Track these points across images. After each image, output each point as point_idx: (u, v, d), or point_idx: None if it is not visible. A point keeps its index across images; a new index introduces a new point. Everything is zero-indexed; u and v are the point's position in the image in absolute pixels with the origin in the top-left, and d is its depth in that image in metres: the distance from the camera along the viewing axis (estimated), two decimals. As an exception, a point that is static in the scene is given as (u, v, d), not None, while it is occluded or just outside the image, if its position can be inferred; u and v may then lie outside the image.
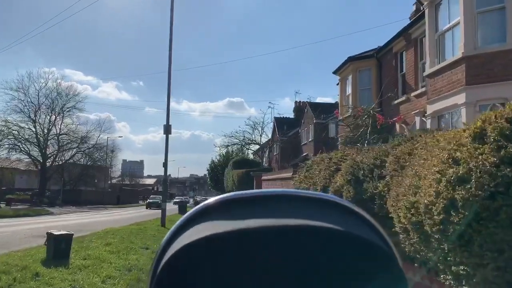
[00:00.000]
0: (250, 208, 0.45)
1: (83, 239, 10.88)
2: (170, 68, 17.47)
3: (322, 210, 0.45)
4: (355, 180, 3.83)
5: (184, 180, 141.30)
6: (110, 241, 10.03)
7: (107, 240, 10.21)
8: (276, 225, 0.39)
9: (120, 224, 19.52)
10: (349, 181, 3.96)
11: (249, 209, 0.45)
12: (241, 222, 0.40)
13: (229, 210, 0.45)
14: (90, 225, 19.31)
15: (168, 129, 16.87)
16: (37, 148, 51.96)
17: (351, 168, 3.91)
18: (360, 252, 0.39)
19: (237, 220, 0.41)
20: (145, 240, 10.84)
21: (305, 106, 32.56)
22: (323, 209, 0.45)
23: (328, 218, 0.41)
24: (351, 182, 3.91)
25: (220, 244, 0.39)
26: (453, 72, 10.34)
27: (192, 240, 0.39)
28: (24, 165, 54.82)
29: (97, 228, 16.13)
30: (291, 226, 0.39)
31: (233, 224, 0.40)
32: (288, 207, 0.45)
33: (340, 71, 19.27)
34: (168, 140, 17.16)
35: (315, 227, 0.39)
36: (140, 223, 17.96)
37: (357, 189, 3.74)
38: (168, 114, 17.06)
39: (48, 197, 51.83)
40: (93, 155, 60.34)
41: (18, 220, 23.15)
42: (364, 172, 3.71)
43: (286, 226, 0.39)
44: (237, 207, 0.46)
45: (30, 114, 51.02)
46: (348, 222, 0.43)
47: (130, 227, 15.18)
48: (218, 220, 0.43)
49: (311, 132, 30.30)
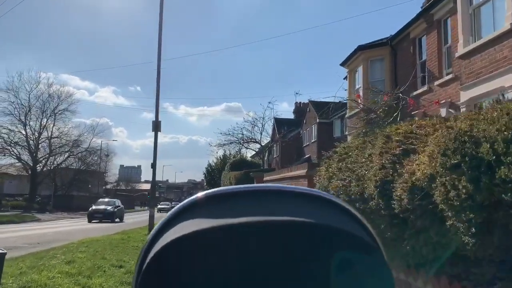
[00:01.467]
0: (235, 204, 0.45)
1: (46, 253, 8.99)
2: (159, 58, 15.64)
3: (307, 205, 0.45)
4: (471, 164, 1.94)
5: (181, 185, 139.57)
6: (76, 257, 8.17)
7: (74, 255, 8.34)
8: (260, 221, 0.39)
9: (107, 232, 17.68)
10: (455, 166, 2.06)
11: (234, 205, 0.44)
12: (226, 217, 0.40)
13: (215, 205, 0.45)
14: (72, 233, 17.39)
15: (157, 126, 14.99)
16: (27, 151, 49.93)
17: (455, 143, 2.05)
18: (345, 246, 0.39)
19: (222, 216, 0.41)
20: (123, 254, 8.93)
21: (307, 106, 30.68)
22: (308, 204, 0.45)
23: (313, 213, 0.42)
24: (458, 168, 2.01)
25: (205, 240, 0.39)
26: (497, 49, 8.50)
27: (177, 237, 0.39)
28: (14, 170, 52.74)
29: (76, 238, 14.27)
30: (276, 221, 0.39)
31: (218, 220, 0.40)
32: (274, 203, 0.45)
33: (348, 62, 17.45)
34: (157, 138, 15.29)
35: (299, 222, 0.39)
36: (127, 232, 16.03)
37: (481, 181, 1.93)
38: (157, 108, 15.23)
39: (38, 202, 49.96)
40: (86, 159, 58.39)
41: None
42: (495, 146, 1.93)
43: (271, 221, 0.39)
44: (222, 203, 0.45)
45: (21, 116, 49.06)
46: (333, 217, 0.43)
47: (112, 236, 13.23)
48: (204, 215, 0.42)
49: (313, 133, 28.45)
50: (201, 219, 0.42)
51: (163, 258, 0.40)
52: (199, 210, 0.45)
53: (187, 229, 0.40)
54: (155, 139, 15.00)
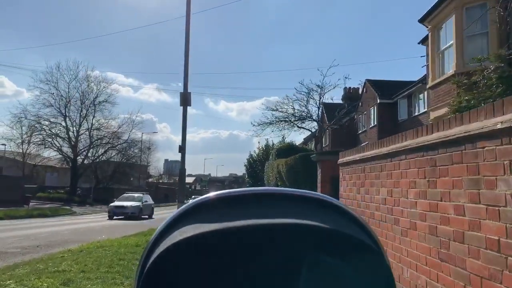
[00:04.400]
0: (239, 207, 0.45)
1: (15, 268, 6.04)
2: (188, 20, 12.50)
3: (312, 208, 0.45)
4: None
5: (223, 179, 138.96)
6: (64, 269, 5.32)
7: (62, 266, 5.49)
8: (264, 224, 0.39)
9: (133, 230, 14.94)
10: None
11: (238, 208, 0.44)
12: (229, 221, 0.40)
13: (220, 208, 0.45)
14: (91, 232, 14.80)
15: (186, 98, 11.79)
16: (67, 143, 49.16)
17: None
18: (347, 249, 0.39)
19: (227, 219, 0.41)
20: (124, 272, 5.83)
21: (359, 90, 26.56)
22: (313, 208, 0.45)
23: (318, 217, 0.41)
24: None
25: (207, 243, 0.39)
26: None
27: (178, 240, 0.39)
28: (55, 162, 52.37)
29: (90, 238, 11.53)
30: (278, 224, 0.39)
31: (221, 223, 0.40)
32: (277, 206, 0.45)
33: (431, 16, 13.39)
34: (187, 114, 12.11)
35: (303, 225, 0.39)
36: (149, 232, 13.07)
37: None
38: (186, 76, 12.06)
39: (79, 195, 49.23)
40: (127, 151, 57.22)
41: (21, 222, 19.09)
42: None
43: (273, 225, 0.39)
44: (227, 205, 0.45)
45: (61, 108, 48.24)
46: (337, 220, 0.43)
47: (127, 240, 10.23)
48: (207, 218, 0.42)
49: (373, 116, 24.38)
50: (204, 222, 0.41)
51: (164, 263, 0.39)
52: (202, 213, 0.44)
53: (188, 233, 0.39)
54: (183, 115, 11.82)
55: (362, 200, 5.12)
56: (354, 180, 5.41)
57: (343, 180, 6.05)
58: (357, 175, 5.33)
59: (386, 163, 4.31)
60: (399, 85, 23.07)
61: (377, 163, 4.48)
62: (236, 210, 0.43)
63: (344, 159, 5.98)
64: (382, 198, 4.39)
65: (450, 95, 12.36)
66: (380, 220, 4.39)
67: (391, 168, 4.19)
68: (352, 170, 5.55)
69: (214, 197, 0.47)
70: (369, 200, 4.84)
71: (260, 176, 30.16)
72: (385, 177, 4.29)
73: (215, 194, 0.47)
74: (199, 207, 0.46)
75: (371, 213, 4.74)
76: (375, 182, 4.61)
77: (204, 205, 0.46)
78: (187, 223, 0.43)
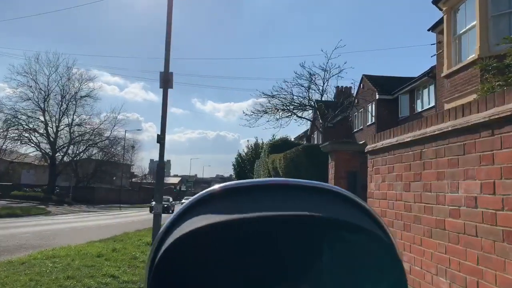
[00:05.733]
0: (250, 197, 0.44)
1: None
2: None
3: (322, 199, 0.45)
4: None
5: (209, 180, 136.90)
6: None
7: None
8: (274, 215, 0.39)
9: (108, 233, 13.12)
10: None
11: (249, 198, 0.44)
12: (239, 212, 0.40)
13: (229, 199, 0.44)
14: (62, 235, 12.90)
15: (167, 80, 10.01)
16: (46, 139, 46.62)
17: None
18: (360, 242, 0.39)
19: (236, 210, 0.40)
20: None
21: (360, 81, 24.96)
22: (323, 199, 0.45)
23: (328, 208, 0.41)
24: None
25: (217, 234, 0.39)
26: None
27: (188, 230, 0.39)
28: (33, 158, 49.72)
29: (55, 243, 9.74)
30: (289, 216, 0.39)
31: (231, 214, 0.40)
32: (288, 197, 0.44)
33: (447, -5, 11.89)
34: (167, 98, 10.37)
35: (314, 217, 0.39)
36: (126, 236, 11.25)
37: None
38: (167, 54, 10.32)
39: (57, 194, 46.73)
40: (110, 149, 54.86)
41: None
42: None
43: (284, 216, 0.39)
44: (237, 196, 0.45)
45: (39, 102, 45.69)
46: (348, 212, 0.43)
47: (91, 247, 8.35)
48: (217, 209, 0.42)
49: (370, 114, 22.86)
50: (215, 213, 0.41)
51: (175, 253, 0.39)
52: (212, 204, 0.44)
53: (200, 223, 0.39)
54: (163, 99, 10.03)
55: (416, 201, 3.46)
56: (399, 171, 3.74)
57: (375, 173, 4.38)
58: (404, 164, 3.65)
59: (479, 140, 2.61)
60: (399, 81, 21.63)
61: (456, 142, 2.78)
62: (249, 201, 0.43)
63: (378, 144, 4.29)
64: (469, 196, 2.70)
65: (472, 83, 10.83)
66: (464, 233, 2.67)
67: (490, 147, 2.51)
68: (395, 158, 3.87)
69: (223, 188, 0.46)
70: (434, 201, 3.14)
71: (249, 176, 28.36)
72: (476, 163, 2.62)
73: (224, 185, 0.46)
74: (209, 198, 0.45)
75: (437, 221, 3.04)
76: (448, 172, 2.94)
77: (213, 196, 0.45)
78: (196, 215, 0.42)
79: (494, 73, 9.08)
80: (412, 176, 3.50)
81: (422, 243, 3.31)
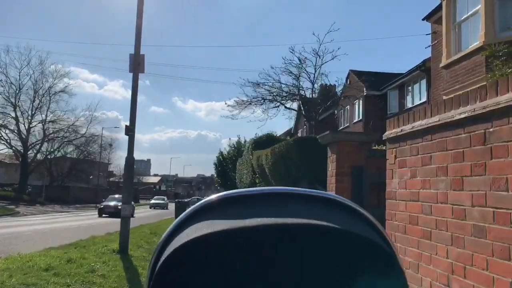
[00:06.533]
0: (250, 206, 0.44)
1: None
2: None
3: (323, 208, 0.44)
4: None
5: (190, 179, 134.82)
6: None
7: None
8: (274, 224, 0.39)
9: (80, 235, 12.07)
10: None
11: (249, 207, 0.44)
12: (240, 220, 0.40)
13: (229, 208, 0.44)
14: (21, 239, 11.52)
15: (138, 63, 8.77)
16: (17, 136, 44.30)
17: None
18: (360, 251, 0.39)
19: (236, 218, 0.40)
20: None
21: (347, 76, 24.02)
22: (324, 208, 0.45)
23: (329, 217, 0.41)
24: None
25: (217, 242, 0.39)
26: None
27: (189, 239, 0.39)
28: (3, 156, 47.25)
29: (11, 249, 8.45)
30: (289, 224, 0.39)
31: (231, 222, 0.40)
32: (288, 205, 0.44)
33: (447, -21, 11.03)
34: (138, 83, 9.09)
35: (314, 225, 0.39)
36: (92, 241, 9.94)
37: None
38: (138, 32, 9.12)
39: (29, 193, 44.44)
40: (86, 147, 52.73)
41: None
42: None
43: (284, 225, 0.39)
44: (237, 205, 0.45)
45: (10, 97, 43.34)
46: (349, 221, 0.43)
47: (44, 257, 7.03)
48: (217, 218, 0.42)
49: (357, 110, 22.00)
50: (216, 221, 0.41)
51: (175, 262, 0.39)
52: (212, 212, 0.44)
53: (199, 232, 0.39)
54: (133, 85, 8.78)
55: (475, 204, 2.36)
56: (442, 162, 2.65)
57: (399, 166, 3.31)
58: (453, 152, 2.56)
59: None
60: (387, 77, 20.82)
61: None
62: (249, 210, 0.42)
63: (406, 128, 3.22)
64: None
65: (475, 73, 9.94)
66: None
67: None
68: (434, 145, 2.77)
69: (223, 197, 0.46)
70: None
71: (231, 175, 27.15)
72: None
73: (224, 194, 0.47)
74: (208, 207, 0.45)
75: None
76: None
77: (213, 205, 0.45)
78: (196, 223, 0.42)
79: (505, 59, 8.17)
80: (469, 168, 2.43)
81: (488, 266, 2.25)
